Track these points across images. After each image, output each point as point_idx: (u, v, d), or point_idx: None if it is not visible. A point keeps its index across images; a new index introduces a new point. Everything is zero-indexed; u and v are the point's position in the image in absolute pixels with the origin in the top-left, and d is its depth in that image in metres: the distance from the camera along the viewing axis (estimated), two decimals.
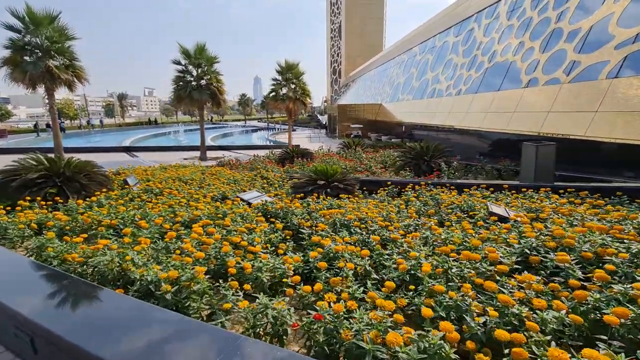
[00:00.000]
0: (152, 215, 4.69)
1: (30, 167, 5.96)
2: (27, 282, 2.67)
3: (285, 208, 4.58)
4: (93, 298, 2.32)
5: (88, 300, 2.32)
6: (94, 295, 2.35)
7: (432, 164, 9.35)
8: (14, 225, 4.32)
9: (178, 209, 5.08)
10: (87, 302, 2.31)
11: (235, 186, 7.50)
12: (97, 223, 4.50)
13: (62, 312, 2.19)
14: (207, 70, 17.51)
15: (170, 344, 1.73)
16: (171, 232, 3.31)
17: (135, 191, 6.46)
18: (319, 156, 13.65)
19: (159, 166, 10.50)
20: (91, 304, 2.28)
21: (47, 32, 12.91)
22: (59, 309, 2.22)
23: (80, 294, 2.39)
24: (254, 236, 3.45)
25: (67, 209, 5.35)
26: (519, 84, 14.78)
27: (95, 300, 2.29)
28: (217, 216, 4.37)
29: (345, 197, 5.63)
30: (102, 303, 2.25)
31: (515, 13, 16.85)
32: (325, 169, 6.35)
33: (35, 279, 2.70)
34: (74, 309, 2.24)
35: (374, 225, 3.83)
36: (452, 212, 4.76)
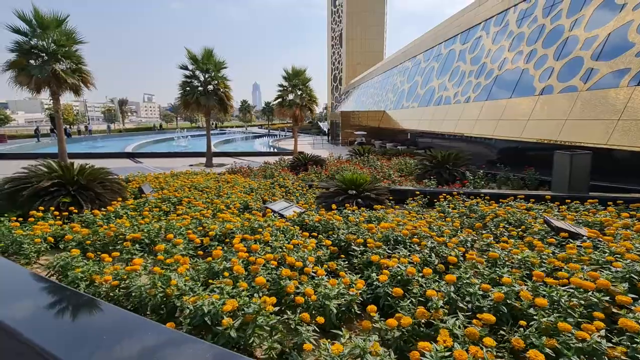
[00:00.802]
0: (178, 228, 4.32)
1: (42, 174, 5.59)
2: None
3: (324, 221, 4.22)
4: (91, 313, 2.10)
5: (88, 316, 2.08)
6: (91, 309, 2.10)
7: (454, 173, 9.04)
8: (29, 239, 3.94)
9: (204, 220, 4.71)
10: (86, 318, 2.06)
11: (254, 195, 7.14)
12: (120, 237, 4.13)
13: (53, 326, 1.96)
14: (215, 76, 17.26)
15: None
16: (216, 251, 2.93)
17: (153, 200, 6.08)
18: (330, 164, 13.32)
19: (170, 173, 10.13)
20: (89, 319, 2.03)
21: (54, 35, 12.63)
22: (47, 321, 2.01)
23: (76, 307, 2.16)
24: (304, 254, 3.09)
25: (83, 220, 4.97)
26: (533, 91, 14.60)
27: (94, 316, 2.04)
28: (253, 230, 4.01)
29: (379, 208, 5.28)
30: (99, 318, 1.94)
31: (526, 21, 16.78)
32: (355, 177, 6.02)
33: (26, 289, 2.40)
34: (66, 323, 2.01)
35: (429, 242, 3.48)
36: (502, 226, 4.42)
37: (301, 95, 21.27)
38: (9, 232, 4.11)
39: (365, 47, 71.32)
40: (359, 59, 71.17)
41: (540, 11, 15.88)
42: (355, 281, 2.67)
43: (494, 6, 20.66)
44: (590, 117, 11.32)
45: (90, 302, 2.41)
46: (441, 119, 22.49)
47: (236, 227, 4.09)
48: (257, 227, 4.00)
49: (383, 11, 72.59)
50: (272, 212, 4.75)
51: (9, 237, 4.04)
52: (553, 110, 12.97)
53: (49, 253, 4.26)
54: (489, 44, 19.60)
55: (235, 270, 2.64)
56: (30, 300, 2.40)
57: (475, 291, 2.39)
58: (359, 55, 71.38)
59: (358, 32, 70.82)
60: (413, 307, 2.25)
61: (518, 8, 17.81)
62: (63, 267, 3.09)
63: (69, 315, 2.17)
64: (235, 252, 3.14)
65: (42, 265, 3.93)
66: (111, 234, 4.08)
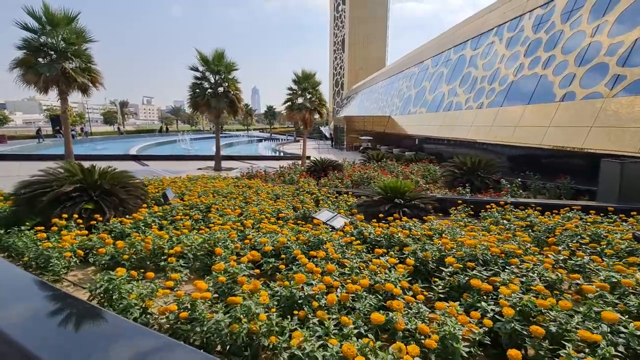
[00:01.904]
0: (222, 241, 3.86)
1: (63, 178, 5.11)
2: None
3: (386, 234, 3.79)
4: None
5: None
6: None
7: (486, 180, 8.64)
8: (57, 252, 3.47)
9: (247, 231, 4.26)
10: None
11: (285, 203, 6.69)
12: (158, 250, 3.67)
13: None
14: (225, 78, 16.87)
15: None
16: (299, 275, 2.46)
17: (181, 208, 5.62)
18: (348, 169, 12.90)
19: (186, 177, 9.65)
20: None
21: (64, 33, 12.19)
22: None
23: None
24: (390, 277, 2.64)
25: (111, 230, 4.49)
26: (552, 97, 14.31)
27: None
28: (312, 244, 3.56)
29: (432, 220, 4.85)
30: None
31: (543, 27, 16.56)
32: (398, 185, 5.60)
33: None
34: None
35: (522, 261, 3.05)
36: (577, 242, 4.00)
37: (311, 99, 20.91)
38: (34, 244, 3.64)
39: (367, 52, 71.44)
40: (361, 64, 71.24)
41: (559, 17, 15.67)
42: (460, 313, 2.23)
43: (505, 13, 20.52)
44: (618, 124, 11.01)
45: (90, 310, 2.20)
46: (452, 124, 22.20)
47: (291, 241, 3.63)
48: (316, 242, 3.55)
49: (385, 17, 72.93)
50: (322, 223, 4.31)
51: (34, 250, 3.56)
52: (576, 117, 12.66)
53: (77, 268, 3.79)
54: (503, 50, 19.37)
55: (329, 300, 2.18)
56: (26, 306, 2.21)
57: (631, 330, 1.96)
58: (361, 60, 71.46)
59: (360, 37, 70.99)
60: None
61: (534, 14, 17.61)
62: (108, 291, 2.62)
63: (69, 322, 2.04)
64: (307, 274, 2.69)
65: (71, 283, 3.45)
66: (149, 247, 3.62)
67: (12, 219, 4.90)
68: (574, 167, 11.58)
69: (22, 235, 3.99)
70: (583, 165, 11.35)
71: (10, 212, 4.97)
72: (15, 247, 3.75)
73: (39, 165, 15.70)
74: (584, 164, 11.36)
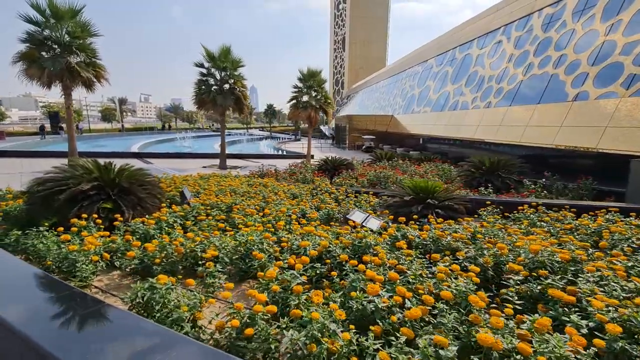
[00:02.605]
0: (257, 244, 3.61)
1: (80, 175, 4.82)
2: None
3: (433, 237, 3.55)
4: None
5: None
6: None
7: (507, 181, 8.43)
8: (83, 256, 3.20)
9: (280, 234, 4.01)
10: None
11: (306, 203, 6.44)
12: (191, 254, 3.41)
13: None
14: (231, 74, 16.56)
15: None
16: (373, 286, 2.20)
17: (202, 207, 5.35)
18: (357, 168, 12.65)
19: (197, 175, 9.37)
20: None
21: (68, 26, 11.85)
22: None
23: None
24: (460, 287, 2.40)
25: (133, 231, 4.22)
26: (564, 97, 14.15)
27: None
28: (357, 249, 3.31)
29: (469, 221, 4.63)
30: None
31: (553, 26, 16.40)
32: (429, 185, 5.37)
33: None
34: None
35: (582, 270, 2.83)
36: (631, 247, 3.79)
37: (316, 97, 20.65)
38: (57, 247, 3.36)
39: (367, 51, 71.18)
40: (362, 63, 70.98)
41: (570, 16, 15.50)
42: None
43: (512, 12, 20.35)
44: (634, 124, 10.85)
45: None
46: (458, 124, 22.02)
47: (333, 245, 3.38)
48: (361, 246, 3.30)
49: (386, 16, 72.69)
50: (358, 224, 4.06)
51: (57, 254, 3.29)
52: (590, 117, 12.50)
53: (101, 272, 3.53)
54: (511, 49, 19.20)
55: (411, 315, 1.94)
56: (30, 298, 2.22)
57: None
58: (361, 59, 71.20)
59: (361, 36, 70.71)
60: None
61: (543, 13, 17.45)
62: (148, 302, 2.36)
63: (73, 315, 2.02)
64: (366, 282, 2.45)
65: (99, 290, 3.19)
66: (181, 250, 3.36)
67: (25, 219, 4.63)
68: (590, 167, 11.42)
69: (42, 237, 3.71)
70: (600, 165, 11.19)
71: (24, 210, 4.68)
72: (35, 250, 3.48)
73: (43, 162, 15.35)
74: (600, 164, 11.20)
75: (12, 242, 3.71)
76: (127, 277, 3.52)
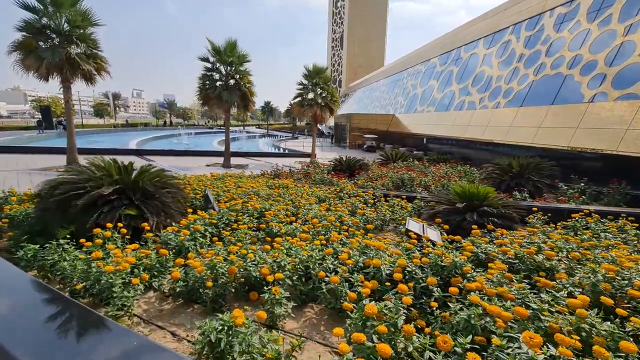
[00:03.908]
0: (317, 261, 3.12)
1: (99, 177, 4.26)
2: None
3: (521, 254, 3.11)
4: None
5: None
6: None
7: (538, 184, 8.06)
8: (119, 276, 2.67)
9: (336, 246, 3.53)
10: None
11: (338, 207, 5.96)
12: (244, 273, 2.91)
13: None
14: (237, 69, 15.94)
15: None
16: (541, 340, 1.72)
17: (233, 213, 4.83)
18: (371, 169, 12.20)
19: (211, 175, 8.81)
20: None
21: (68, 14, 11.12)
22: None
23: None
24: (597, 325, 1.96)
25: (165, 242, 3.69)
26: (580, 98, 13.90)
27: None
28: (440, 269, 2.84)
29: (530, 232, 4.20)
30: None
31: (566, 25, 16.15)
32: (479, 190, 4.93)
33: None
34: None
35: None
36: None
37: (322, 95, 20.14)
38: (87, 265, 2.82)
39: (366, 49, 70.81)
40: (360, 61, 70.61)
41: (584, 16, 15.25)
42: None
43: (521, 11, 20.09)
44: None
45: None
46: (465, 124, 21.74)
47: (414, 265, 2.91)
48: (446, 266, 2.83)
49: (385, 15, 72.36)
50: (429, 240, 3.60)
51: (88, 274, 2.75)
52: (609, 119, 12.24)
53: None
54: (521, 49, 18.94)
55: None
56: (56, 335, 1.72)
57: None
58: (359, 57, 70.81)
59: (359, 34, 70.27)
60: None
61: (555, 12, 17.20)
62: (227, 345, 1.85)
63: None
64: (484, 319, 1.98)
65: (140, 319, 2.66)
66: (235, 270, 2.85)
67: (37, 227, 4.06)
68: (612, 169, 11.15)
69: (62, 251, 3.16)
70: (624, 167, 10.88)
71: (35, 216, 4.11)
72: (58, 268, 2.93)
73: (38, 159, 14.55)
74: (625, 167, 10.87)
75: (27, 257, 3.15)
76: (166, 301, 3.00)
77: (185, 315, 2.74)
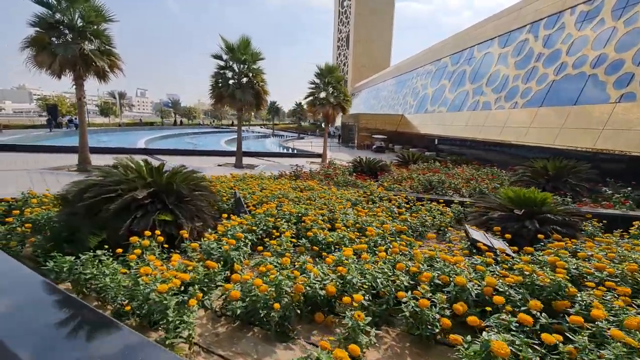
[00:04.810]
0: (387, 277, 2.75)
1: (131, 179, 3.91)
2: None
3: (621, 270, 2.72)
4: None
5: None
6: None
7: (577, 188, 7.65)
8: (174, 295, 2.30)
9: (402, 259, 3.15)
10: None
11: (376, 211, 5.59)
12: (311, 293, 2.54)
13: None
14: (250, 68, 15.59)
15: None
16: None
17: (271, 219, 4.46)
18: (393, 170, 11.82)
19: (231, 176, 8.46)
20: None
21: (82, 9, 10.82)
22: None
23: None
24: None
25: (208, 252, 3.33)
26: (606, 98, 13.45)
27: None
28: (536, 290, 2.46)
29: (608, 242, 3.81)
30: None
31: (589, 24, 15.68)
32: (535, 195, 4.55)
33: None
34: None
35: None
36: None
37: (334, 94, 19.77)
38: (133, 281, 2.45)
39: (372, 49, 70.32)
40: (365, 61, 70.12)
41: (609, 14, 14.78)
42: None
43: (540, 9, 19.60)
44: None
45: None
46: (480, 125, 21.28)
47: (505, 284, 2.53)
48: (548, 287, 2.45)
49: (391, 14, 71.85)
50: (502, 250, 3.22)
51: (134, 292, 2.39)
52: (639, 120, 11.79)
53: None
54: (539, 48, 18.48)
55: None
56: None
57: None
58: (365, 57, 70.34)
59: (365, 34, 69.79)
60: None
61: (576, 10, 16.72)
62: None
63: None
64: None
65: (201, 349, 2.29)
66: (301, 289, 2.49)
67: (64, 233, 3.70)
68: None
69: (99, 263, 2.81)
70: None
71: (62, 222, 3.76)
72: (99, 285, 2.57)
73: (48, 158, 14.24)
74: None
75: (62, 270, 2.79)
76: (219, 322, 2.64)
77: (246, 341, 2.37)
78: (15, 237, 3.70)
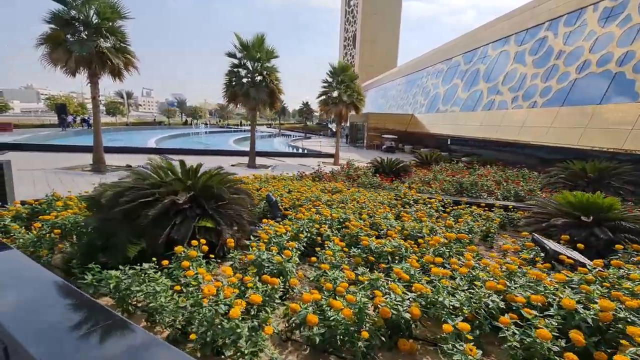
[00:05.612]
0: (481, 301, 2.39)
1: (169, 182, 3.59)
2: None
3: None
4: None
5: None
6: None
7: (620, 192, 7.23)
8: (245, 321, 1.97)
9: (478, 273, 2.79)
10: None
11: (419, 216, 5.23)
12: (396, 317, 2.20)
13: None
14: (264, 66, 15.28)
15: None
16: None
17: (316, 225, 4.13)
18: (415, 172, 11.44)
19: (253, 177, 8.14)
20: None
21: (97, 6, 10.56)
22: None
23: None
24: None
25: (259, 264, 3.00)
26: (635, 97, 12.96)
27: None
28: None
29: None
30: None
31: (614, 20, 15.18)
32: (602, 200, 4.17)
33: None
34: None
35: None
36: None
37: (347, 93, 19.40)
38: (196, 303, 2.11)
39: (378, 49, 69.79)
40: (372, 61, 69.59)
41: (636, 10, 14.27)
42: None
43: (559, 6, 19.06)
44: None
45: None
46: (495, 124, 20.80)
47: (625, 310, 2.16)
48: None
49: (398, 14, 71.32)
50: (589, 265, 2.86)
51: (194, 315, 2.05)
52: None
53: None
54: (560, 45, 17.97)
55: None
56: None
57: None
58: (372, 57, 69.82)
59: (372, 34, 69.30)
60: None
61: (600, 7, 16.21)
62: None
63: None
64: None
65: None
66: (388, 313, 2.14)
67: (98, 241, 3.38)
68: None
69: (147, 278, 2.48)
70: None
71: (96, 229, 3.44)
72: (150, 303, 2.24)
73: (60, 157, 13.98)
74: None
75: (105, 285, 2.47)
76: (286, 347, 2.30)
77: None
78: (45, 245, 3.39)
